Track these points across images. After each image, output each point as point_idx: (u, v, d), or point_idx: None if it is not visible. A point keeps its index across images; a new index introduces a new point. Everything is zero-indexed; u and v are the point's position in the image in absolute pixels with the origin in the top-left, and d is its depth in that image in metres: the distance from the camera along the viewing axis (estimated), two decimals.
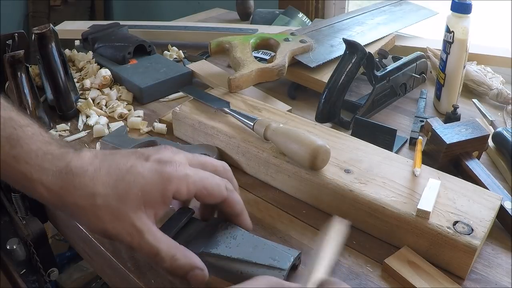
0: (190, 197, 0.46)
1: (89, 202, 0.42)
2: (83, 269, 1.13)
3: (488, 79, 0.85)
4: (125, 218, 0.42)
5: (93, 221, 0.43)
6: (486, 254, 0.51)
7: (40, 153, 0.43)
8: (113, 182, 0.42)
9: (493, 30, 1.27)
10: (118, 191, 0.42)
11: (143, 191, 0.42)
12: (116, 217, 0.42)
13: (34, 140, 0.44)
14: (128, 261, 0.50)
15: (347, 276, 0.48)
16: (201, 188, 0.45)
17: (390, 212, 0.50)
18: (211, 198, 0.46)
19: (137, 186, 0.42)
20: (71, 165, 0.43)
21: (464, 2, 0.72)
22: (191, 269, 0.43)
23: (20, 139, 0.43)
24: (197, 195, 0.46)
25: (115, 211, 0.42)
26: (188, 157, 0.48)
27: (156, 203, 0.43)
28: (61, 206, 0.44)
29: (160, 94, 0.86)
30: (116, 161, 0.44)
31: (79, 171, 0.43)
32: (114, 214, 0.42)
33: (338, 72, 0.73)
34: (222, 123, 0.66)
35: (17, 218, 0.64)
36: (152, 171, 0.43)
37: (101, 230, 0.43)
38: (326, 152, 0.54)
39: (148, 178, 0.43)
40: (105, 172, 0.43)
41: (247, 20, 1.34)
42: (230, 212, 0.49)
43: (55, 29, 0.79)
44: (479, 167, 0.59)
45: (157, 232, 0.43)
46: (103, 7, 2.70)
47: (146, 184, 0.43)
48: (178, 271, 0.43)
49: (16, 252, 0.63)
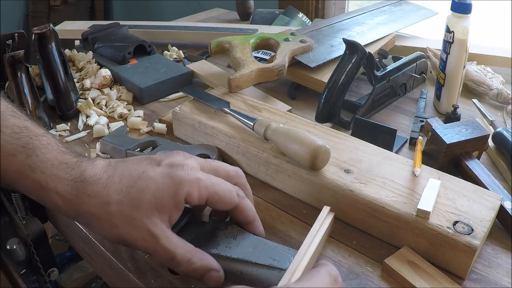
0: (202, 201, 0.45)
1: (103, 210, 0.42)
2: (83, 269, 1.13)
3: (488, 79, 0.85)
4: (139, 224, 0.42)
5: (108, 229, 0.43)
6: (486, 254, 0.51)
7: (55, 162, 0.44)
8: (126, 188, 0.43)
9: (493, 30, 1.27)
10: (131, 197, 0.42)
11: (155, 196, 0.42)
12: (131, 224, 0.42)
13: (50, 149, 0.45)
14: (128, 261, 0.50)
15: (347, 276, 0.48)
16: (212, 193, 0.45)
17: (390, 212, 0.50)
18: (222, 204, 0.46)
19: (149, 191, 0.42)
20: (85, 173, 0.43)
21: (464, 2, 0.72)
22: (207, 271, 0.43)
23: (36, 148, 0.44)
24: (208, 200, 0.45)
25: (129, 217, 0.42)
26: (201, 162, 0.47)
27: (169, 207, 0.43)
28: (76, 215, 0.44)
29: (160, 94, 0.86)
30: (128, 167, 0.44)
31: (92, 180, 0.43)
32: (128, 220, 0.42)
33: (338, 72, 0.73)
34: (222, 123, 0.66)
35: (17, 218, 0.64)
36: (163, 175, 0.43)
37: (117, 237, 0.43)
38: (326, 152, 0.54)
39: (160, 183, 0.43)
40: (118, 179, 0.43)
41: (247, 20, 1.34)
42: (241, 219, 0.48)
43: (55, 29, 0.79)
44: (479, 167, 0.59)
45: (172, 237, 0.43)
46: (103, 7, 2.70)
47: (158, 189, 0.43)
48: (194, 274, 0.43)
49: (16, 252, 0.63)
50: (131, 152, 0.64)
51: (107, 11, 2.73)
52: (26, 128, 0.45)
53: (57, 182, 0.43)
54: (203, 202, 0.45)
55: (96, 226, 0.43)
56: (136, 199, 0.42)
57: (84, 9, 2.65)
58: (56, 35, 0.80)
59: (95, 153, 0.69)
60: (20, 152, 0.43)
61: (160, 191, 0.43)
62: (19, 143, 0.43)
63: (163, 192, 0.43)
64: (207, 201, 0.45)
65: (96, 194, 0.42)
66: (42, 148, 0.44)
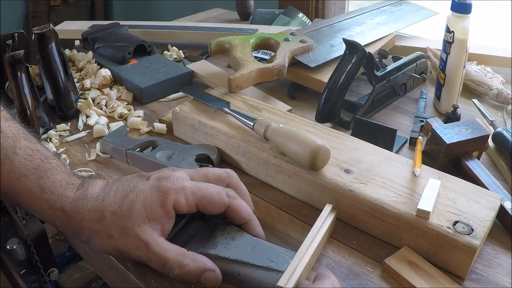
0: (191, 208, 0.47)
1: (100, 223, 0.45)
2: (83, 269, 1.13)
3: (488, 79, 0.85)
4: (131, 233, 0.45)
5: (106, 240, 0.46)
6: (486, 254, 0.51)
7: (64, 183, 0.48)
8: (119, 201, 0.46)
9: (493, 30, 1.27)
10: (124, 208, 0.45)
11: (145, 205, 0.45)
12: (124, 233, 0.45)
13: (59, 171, 0.49)
14: (128, 261, 0.50)
15: (347, 276, 0.48)
16: (200, 197, 0.47)
17: (390, 212, 0.50)
18: (212, 207, 0.48)
19: (139, 201, 0.45)
20: (87, 192, 0.47)
21: (464, 2, 0.72)
22: (201, 272, 0.44)
23: (47, 170, 0.48)
24: (198, 205, 0.47)
25: (122, 227, 0.45)
26: (189, 172, 0.50)
27: (159, 216, 0.46)
28: (78, 231, 0.47)
29: (160, 94, 0.86)
30: (122, 183, 0.48)
31: (92, 197, 0.47)
32: (121, 230, 0.45)
33: (338, 72, 0.73)
34: (222, 123, 0.66)
35: (17, 218, 0.64)
36: (151, 187, 0.47)
37: (115, 248, 0.46)
38: (326, 152, 0.54)
39: (148, 193, 0.46)
40: (113, 194, 0.47)
41: (247, 20, 1.34)
42: (236, 219, 0.49)
43: (55, 29, 0.79)
44: (479, 167, 0.59)
45: (163, 243, 0.45)
46: (103, 7, 2.70)
47: (146, 199, 0.46)
48: (189, 278, 0.44)
49: (16, 252, 0.63)
50: (131, 152, 0.64)
51: (107, 11, 2.73)
52: (38, 150, 0.49)
53: (64, 201, 0.46)
54: (194, 208, 0.47)
55: (95, 239, 0.46)
56: (128, 210, 0.45)
57: (84, 9, 2.65)
58: (56, 35, 0.80)
59: (95, 153, 0.69)
60: (32, 173, 0.47)
61: (149, 201, 0.46)
62: (31, 165, 0.47)
63: (151, 202, 0.46)
64: (197, 206, 0.47)
65: (95, 209, 0.46)
66: (52, 170, 0.48)
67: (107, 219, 0.45)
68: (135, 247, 0.44)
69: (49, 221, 0.48)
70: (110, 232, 0.45)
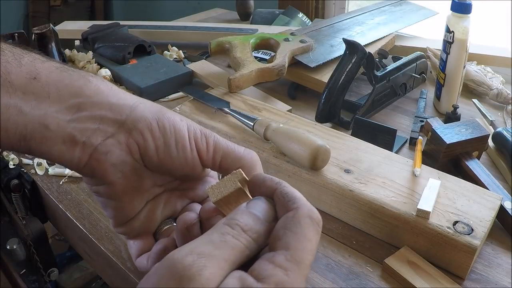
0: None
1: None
2: (83, 269, 1.13)
3: (488, 79, 0.85)
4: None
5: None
6: (486, 254, 0.51)
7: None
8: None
9: (493, 30, 1.27)
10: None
11: None
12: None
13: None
14: (128, 261, 0.50)
15: (347, 276, 0.48)
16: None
17: (390, 212, 0.50)
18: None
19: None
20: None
21: (464, 2, 0.72)
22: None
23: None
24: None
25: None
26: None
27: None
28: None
29: (160, 94, 0.86)
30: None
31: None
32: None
33: (338, 72, 0.73)
34: (222, 123, 0.66)
35: (17, 218, 0.64)
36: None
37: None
38: (326, 152, 0.54)
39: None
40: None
41: (247, 20, 1.34)
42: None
43: (55, 29, 0.79)
44: (479, 167, 0.59)
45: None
46: (103, 7, 2.70)
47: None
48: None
49: (16, 252, 0.63)
50: None
51: (107, 11, 2.73)
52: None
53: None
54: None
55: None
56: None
57: (84, 9, 2.65)
58: (56, 35, 0.80)
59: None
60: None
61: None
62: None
63: None
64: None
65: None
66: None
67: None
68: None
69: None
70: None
